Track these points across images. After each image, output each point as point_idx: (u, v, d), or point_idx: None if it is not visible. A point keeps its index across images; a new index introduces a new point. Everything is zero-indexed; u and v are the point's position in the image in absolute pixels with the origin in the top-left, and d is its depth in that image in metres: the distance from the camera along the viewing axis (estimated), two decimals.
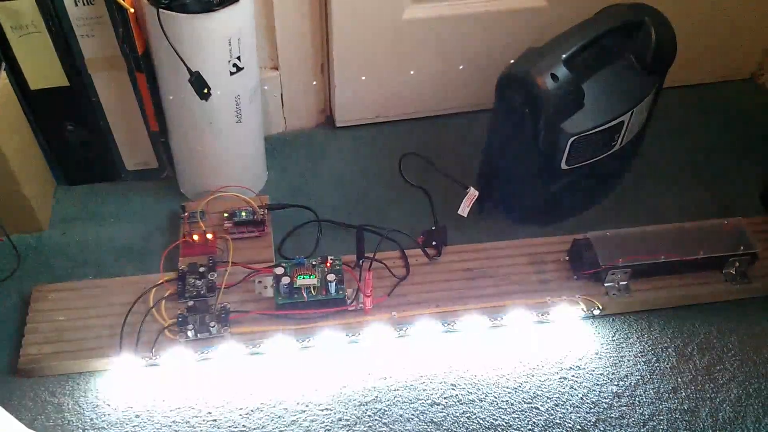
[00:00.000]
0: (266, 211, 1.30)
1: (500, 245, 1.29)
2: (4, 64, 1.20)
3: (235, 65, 1.16)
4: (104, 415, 1.10)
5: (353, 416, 1.09)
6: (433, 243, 1.27)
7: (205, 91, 1.12)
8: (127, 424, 1.08)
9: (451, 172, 1.38)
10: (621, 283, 1.22)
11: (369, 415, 1.09)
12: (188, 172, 1.38)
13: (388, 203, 1.41)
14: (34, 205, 1.29)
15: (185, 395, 1.12)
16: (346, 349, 1.17)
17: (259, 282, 1.22)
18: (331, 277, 1.15)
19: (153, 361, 1.13)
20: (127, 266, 1.29)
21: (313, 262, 1.20)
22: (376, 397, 1.12)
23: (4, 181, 1.23)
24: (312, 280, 1.13)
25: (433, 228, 1.30)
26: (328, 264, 1.19)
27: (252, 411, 1.10)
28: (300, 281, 1.13)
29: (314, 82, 1.49)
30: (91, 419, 1.09)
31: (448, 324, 1.17)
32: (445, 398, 1.12)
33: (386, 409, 1.10)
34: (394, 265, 1.25)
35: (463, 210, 1.26)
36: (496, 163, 1.28)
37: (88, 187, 1.43)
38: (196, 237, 1.26)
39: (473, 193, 1.26)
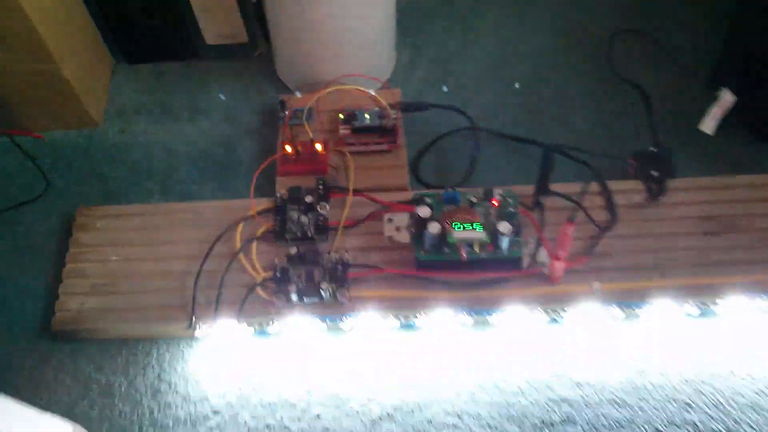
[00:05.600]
0: (399, 113, 0.88)
1: (764, 180, 0.84)
2: None
3: None
4: (170, 407, 0.76)
5: None
6: (652, 173, 0.83)
7: None
8: (201, 424, 0.75)
9: (687, 60, 0.91)
10: None
11: None
12: (290, 51, 0.97)
13: (576, 106, 0.97)
14: (80, 91, 0.93)
15: (283, 386, 0.77)
16: (517, 336, 0.79)
17: (389, 221, 0.83)
18: (503, 227, 0.73)
19: (239, 330, 0.78)
20: (205, 183, 0.93)
21: (472, 199, 0.78)
22: (567, 417, 0.73)
23: (35, 56, 0.86)
24: (478, 233, 0.73)
25: (651, 149, 0.86)
26: (496, 202, 0.78)
27: (380, 418, 0.74)
28: (458, 233, 0.73)
29: None
30: (152, 411, 0.76)
31: (702, 305, 0.76)
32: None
33: None
34: (591, 205, 0.83)
35: (708, 124, 0.81)
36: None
37: (155, 67, 1.04)
38: (300, 148, 0.87)
39: (728, 98, 0.79)
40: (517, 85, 1.00)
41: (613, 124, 0.95)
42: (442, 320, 0.77)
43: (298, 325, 0.78)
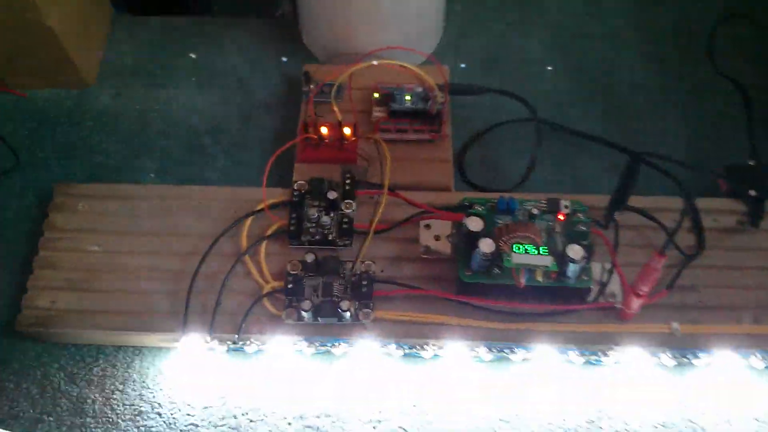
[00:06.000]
0: (446, 96, 0.74)
1: None
2: None
3: None
4: (151, 429, 0.63)
5: None
6: (750, 192, 0.69)
7: None
8: None
9: None
10: None
11: None
12: (318, 13, 0.82)
13: (659, 104, 0.82)
14: (69, 44, 0.78)
15: (287, 412, 0.64)
16: (575, 376, 0.65)
17: (427, 227, 0.68)
18: (574, 251, 0.59)
19: (238, 346, 0.64)
20: (209, 163, 0.78)
21: (533, 210, 0.64)
22: None
23: (16, 3, 0.71)
24: (544, 259, 0.58)
25: (749, 163, 0.71)
26: (562, 216, 0.64)
27: None
28: (518, 257, 0.58)
29: None
30: None
31: None
32: None
33: None
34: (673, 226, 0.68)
35: None
36: None
37: (160, 22, 0.89)
38: (325, 130, 0.72)
39: None
40: (549, 68, 0.85)
41: (703, 128, 0.80)
42: (481, 353, 0.64)
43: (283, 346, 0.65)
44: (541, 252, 0.58)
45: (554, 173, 0.77)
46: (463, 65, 0.86)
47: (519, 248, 0.58)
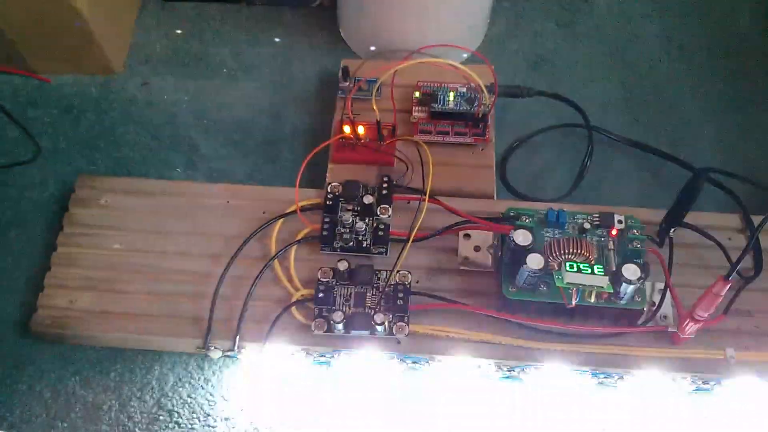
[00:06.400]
0: (494, 99, 0.69)
1: None
2: None
3: None
4: None
5: None
6: None
7: None
8: None
9: None
10: None
11: None
12: (359, 6, 0.78)
13: (716, 114, 0.77)
14: (96, 29, 0.75)
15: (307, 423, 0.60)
16: (620, 402, 0.61)
17: (466, 237, 0.64)
18: (630, 271, 0.54)
19: (263, 352, 0.60)
20: (240, 161, 0.75)
21: (584, 224, 0.60)
22: None
23: None
24: (599, 279, 0.54)
25: None
26: (615, 231, 0.59)
27: None
28: (572, 275, 0.54)
29: None
30: None
31: None
32: None
33: None
34: (728, 246, 0.64)
35: None
36: None
37: (194, 7, 0.86)
38: (361, 130, 0.68)
39: None
40: (597, 72, 0.80)
41: (758, 139, 0.75)
42: (521, 374, 0.60)
43: (342, 359, 0.61)
44: (596, 272, 0.53)
45: (599, 184, 0.72)
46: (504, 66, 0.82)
47: (572, 266, 0.54)
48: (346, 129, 0.68)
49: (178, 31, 0.84)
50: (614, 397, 0.61)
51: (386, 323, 0.59)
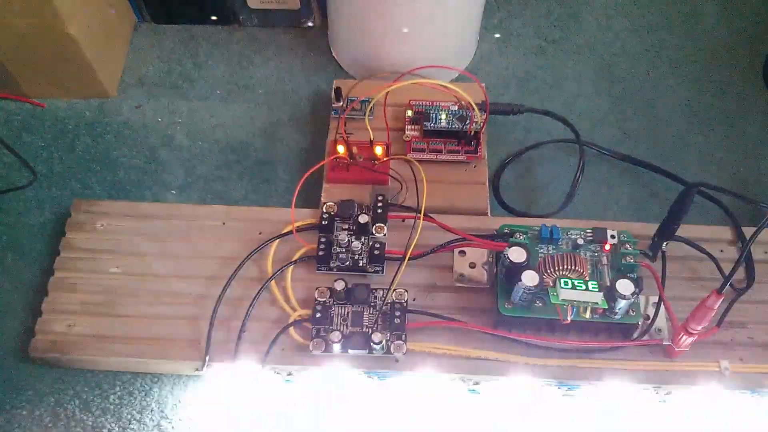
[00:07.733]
0: (485, 116, 0.70)
1: None
2: None
3: None
4: None
5: None
6: None
7: None
8: None
9: None
10: None
11: None
12: (349, 24, 0.79)
13: (709, 127, 0.79)
14: (90, 53, 0.75)
15: None
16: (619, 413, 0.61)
17: (462, 253, 0.65)
18: (624, 286, 0.55)
19: (264, 373, 0.61)
20: (236, 182, 0.75)
21: (577, 239, 0.60)
22: None
23: (33, 7, 0.69)
24: (593, 295, 0.54)
25: None
26: (607, 246, 0.60)
27: None
28: (566, 292, 0.54)
29: None
30: None
31: None
32: None
33: None
34: (720, 258, 0.65)
35: None
36: None
37: (186, 31, 0.87)
38: (356, 150, 0.69)
39: None
40: (497, 35, 0.81)
41: (755, 153, 0.76)
42: (518, 390, 0.60)
43: (336, 377, 0.61)
44: (590, 288, 0.54)
45: (591, 198, 0.73)
46: (497, 35, 0.82)
47: (566, 283, 0.54)
48: (340, 149, 0.69)
49: (171, 54, 0.84)
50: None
51: (384, 342, 0.59)
